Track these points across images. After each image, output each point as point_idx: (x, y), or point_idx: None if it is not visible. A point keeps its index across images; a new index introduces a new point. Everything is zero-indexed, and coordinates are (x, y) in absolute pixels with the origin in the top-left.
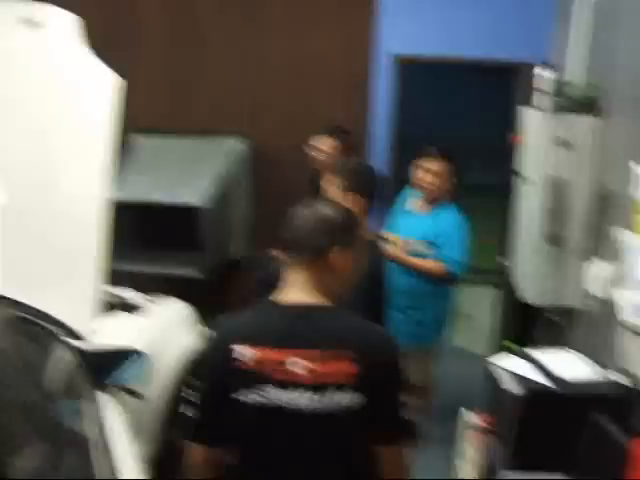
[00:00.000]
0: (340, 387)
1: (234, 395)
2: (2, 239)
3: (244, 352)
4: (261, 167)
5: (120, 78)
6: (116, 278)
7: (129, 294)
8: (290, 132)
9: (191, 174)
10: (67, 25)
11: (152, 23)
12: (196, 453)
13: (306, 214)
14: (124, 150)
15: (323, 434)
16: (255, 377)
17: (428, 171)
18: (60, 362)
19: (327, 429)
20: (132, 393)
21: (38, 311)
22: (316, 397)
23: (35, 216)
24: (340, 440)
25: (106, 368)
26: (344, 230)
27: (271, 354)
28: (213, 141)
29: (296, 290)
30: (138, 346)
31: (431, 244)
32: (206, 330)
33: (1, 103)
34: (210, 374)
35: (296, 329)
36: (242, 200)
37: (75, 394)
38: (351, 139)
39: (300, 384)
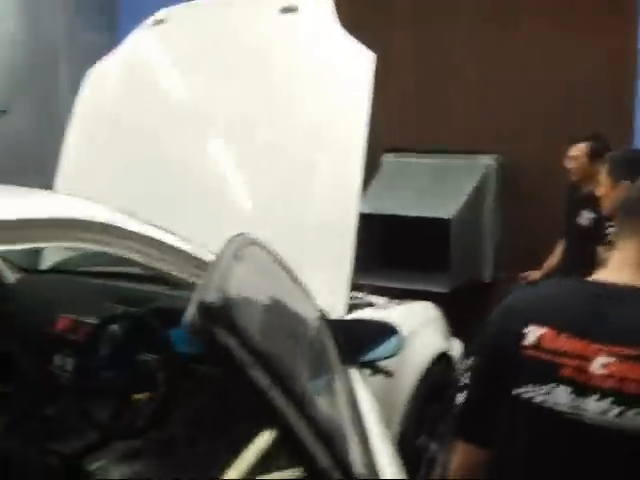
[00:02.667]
0: None
1: (514, 390)
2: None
3: (540, 337)
4: (515, 187)
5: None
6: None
7: (375, 298)
8: (548, 152)
9: (441, 190)
10: (321, 7)
11: (403, 44)
12: (462, 452)
13: None
14: (376, 167)
15: (614, 459)
16: (546, 371)
17: None
18: (313, 334)
19: (621, 454)
20: (383, 371)
21: None
22: (615, 409)
23: (295, 198)
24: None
25: (358, 343)
26: None
27: (574, 344)
28: (466, 159)
29: (617, 268)
30: None
31: None
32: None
33: (262, 93)
34: (489, 360)
35: (604, 315)
36: (492, 219)
37: (327, 370)
38: (607, 145)
39: (598, 388)
